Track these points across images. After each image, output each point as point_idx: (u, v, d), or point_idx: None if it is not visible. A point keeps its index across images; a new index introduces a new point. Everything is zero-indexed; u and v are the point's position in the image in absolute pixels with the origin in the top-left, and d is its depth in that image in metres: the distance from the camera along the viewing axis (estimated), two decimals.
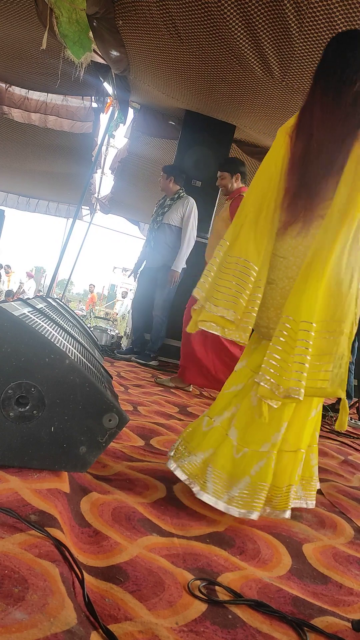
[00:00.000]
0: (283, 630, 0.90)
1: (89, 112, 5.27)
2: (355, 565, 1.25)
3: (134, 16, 3.23)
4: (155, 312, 4.23)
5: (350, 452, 2.58)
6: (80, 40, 3.57)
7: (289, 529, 1.38)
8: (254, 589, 1.02)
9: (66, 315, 2.51)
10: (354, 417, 3.72)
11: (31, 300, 1.88)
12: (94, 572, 0.95)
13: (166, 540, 1.16)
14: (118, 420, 1.28)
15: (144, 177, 6.59)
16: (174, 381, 3.39)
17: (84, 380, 1.25)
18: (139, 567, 1.00)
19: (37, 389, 1.22)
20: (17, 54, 4.29)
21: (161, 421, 2.26)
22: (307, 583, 1.11)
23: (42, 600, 0.77)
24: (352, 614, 1.02)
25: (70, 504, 1.16)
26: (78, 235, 9.12)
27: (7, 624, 0.71)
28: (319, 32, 2.88)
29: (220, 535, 1.25)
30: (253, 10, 2.84)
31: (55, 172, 7.46)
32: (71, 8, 3.30)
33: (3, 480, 1.15)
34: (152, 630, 0.81)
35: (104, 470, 1.51)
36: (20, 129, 5.74)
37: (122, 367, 3.86)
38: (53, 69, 4.21)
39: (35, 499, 1.09)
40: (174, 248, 4.17)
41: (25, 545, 0.92)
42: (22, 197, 9.44)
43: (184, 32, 3.28)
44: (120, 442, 1.82)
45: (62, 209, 9.56)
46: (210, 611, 0.91)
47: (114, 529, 1.14)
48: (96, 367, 1.85)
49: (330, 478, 1.96)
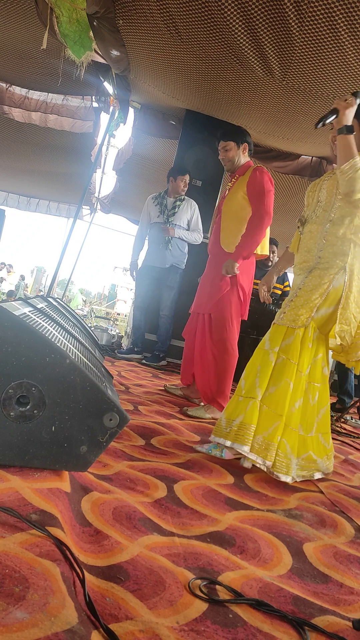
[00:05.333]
0: (284, 630, 0.90)
1: (89, 112, 5.27)
2: (356, 564, 1.25)
3: (134, 15, 3.23)
4: (163, 312, 4.23)
5: (351, 451, 2.58)
6: (80, 40, 3.57)
7: (289, 528, 1.38)
8: (254, 588, 1.02)
9: (67, 314, 2.51)
10: (355, 417, 3.72)
11: (32, 300, 1.88)
12: (95, 572, 0.95)
13: (167, 540, 1.16)
14: (119, 420, 1.28)
15: (145, 176, 6.59)
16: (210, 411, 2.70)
17: (84, 380, 1.25)
18: (140, 566, 1.00)
19: (38, 388, 1.22)
20: (18, 53, 4.29)
21: (162, 420, 2.26)
22: (308, 582, 1.11)
23: (43, 600, 0.78)
24: (353, 613, 1.02)
25: (71, 504, 1.17)
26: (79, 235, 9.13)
27: (8, 623, 0.71)
28: (319, 32, 2.88)
29: (221, 534, 1.25)
30: (253, 10, 2.84)
31: (55, 172, 7.46)
32: (71, 7, 3.30)
33: (4, 480, 1.15)
34: (152, 630, 0.81)
35: (104, 470, 1.51)
36: (20, 128, 5.74)
37: (122, 366, 3.86)
38: (53, 68, 4.22)
39: (36, 499, 1.09)
40: (181, 247, 4.20)
41: (26, 544, 0.92)
42: (22, 197, 9.45)
43: (184, 32, 3.28)
44: (121, 442, 1.82)
45: (62, 209, 9.56)
46: (210, 610, 0.91)
47: (114, 528, 1.14)
48: (97, 367, 1.85)
49: (331, 477, 1.96)
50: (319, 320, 1.82)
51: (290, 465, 1.75)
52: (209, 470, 1.73)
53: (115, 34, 3.44)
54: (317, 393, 1.86)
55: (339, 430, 3.15)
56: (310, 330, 1.81)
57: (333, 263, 1.81)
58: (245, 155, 2.83)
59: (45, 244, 74.55)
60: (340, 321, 1.77)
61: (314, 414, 1.86)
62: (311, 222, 1.91)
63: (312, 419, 1.86)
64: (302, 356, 1.80)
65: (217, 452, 1.82)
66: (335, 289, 1.79)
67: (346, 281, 1.78)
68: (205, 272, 2.89)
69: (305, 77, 3.47)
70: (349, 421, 3.53)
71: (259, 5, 2.79)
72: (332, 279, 1.79)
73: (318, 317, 1.81)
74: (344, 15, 2.70)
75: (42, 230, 77.12)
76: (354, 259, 1.79)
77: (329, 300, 1.80)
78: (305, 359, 1.81)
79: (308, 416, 1.84)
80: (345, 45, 2.94)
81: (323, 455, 1.90)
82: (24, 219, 70.61)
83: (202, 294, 2.85)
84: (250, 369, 1.86)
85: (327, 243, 1.83)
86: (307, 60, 3.22)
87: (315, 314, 1.80)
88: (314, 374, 1.85)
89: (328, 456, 1.92)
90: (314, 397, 1.85)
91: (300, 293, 1.84)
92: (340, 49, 2.99)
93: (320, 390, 1.88)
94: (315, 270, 1.84)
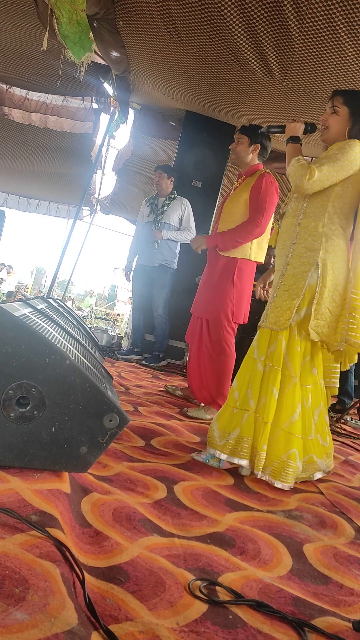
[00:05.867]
0: (284, 631, 0.90)
1: (89, 113, 5.27)
2: (356, 565, 1.25)
3: (134, 17, 3.24)
4: (157, 312, 4.23)
5: (351, 452, 2.58)
6: (80, 41, 3.57)
7: (289, 529, 1.38)
8: (254, 589, 1.02)
9: (67, 315, 2.51)
10: (355, 418, 3.71)
11: (32, 301, 1.88)
12: (95, 573, 0.95)
13: (167, 541, 1.16)
14: (119, 421, 1.28)
15: (145, 177, 6.59)
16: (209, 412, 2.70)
17: (84, 381, 1.25)
18: (140, 567, 1.00)
19: (38, 389, 1.22)
20: (18, 54, 4.30)
21: (162, 422, 2.26)
22: (308, 583, 1.11)
23: (43, 601, 0.77)
24: (353, 614, 1.01)
25: (71, 505, 1.16)
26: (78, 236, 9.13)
27: (8, 625, 0.71)
28: (319, 33, 2.88)
29: (221, 535, 1.25)
30: (253, 11, 2.85)
31: (55, 173, 7.47)
32: (71, 9, 3.30)
33: (4, 481, 1.15)
34: (152, 631, 0.81)
35: (104, 471, 1.51)
36: (20, 129, 5.75)
37: (122, 367, 3.86)
38: (53, 69, 4.22)
39: (36, 500, 1.09)
40: (172, 247, 4.19)
41: (26, 545, 0.92)
42: (22, 198, 9.45)
43: (184, 33, 3.28)
44: (120, 443, 1.82)
45: (62, 210, 9.57)
46: (210, 611, 0.91)
47: (114, 529, 1.14)
48: (97, 368, 1.85)
49: (331, 478, 1.96)
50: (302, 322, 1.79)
51: (296, 473, 1.74)
52: (209, 471, 1.73)
53: (115, 35, 3.44)
54: (309, 395, 1.84)
55: (339, 431, 3.15)
56: (297, 334, 1.79)
57: (305, 259, 1.78)
58: (254, 156, 2.73)
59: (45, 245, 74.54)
60: (316, 317, 1.75)
61: (310, 417, 1.84)
62: (287, 215, 1.90)
63: (310, 422, 1.84)
64: (292, 361, 1.78)
65: (214, 462, 1.80)
66: (310, 286, 1.77)
67: (319, 276, 1.76)
68: (203, 275, 2.90)
69: (304, 78, 3.47)
70: (349, 422, 3.53)
71: (258, 7, 2.80)
72: (307, 277, 1.77)
73: (301, 319, 1.79)
74: (343, 17, 2.70)
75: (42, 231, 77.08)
76: (326, 253, 1.76)
77: (307, 300, 1.78)
78: (296, 363, 1.79)
79: (306, 420, 1.83)
80: (344, 46, 2.94)
81: (323, 455, 1.89)
82: (24, 220, 70.57)
83: (199, 298, 2.86)
84: (242, 379, 1.84)
85: (299, 238, 1.81)
86: (307, 61, 3.22)
87: (297, 316, 1.78)
88: (304, 377, 1.83)
89: (328, 454, 1.91)
90: (307, 400, 1.83)
91: (279, 293, 1.83)
92: (339, 50, 2.99)
93: (312, 392, 1.85)
94: (289, 267, 1.82)
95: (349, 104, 1.80)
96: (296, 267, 1.80)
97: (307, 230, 1.80)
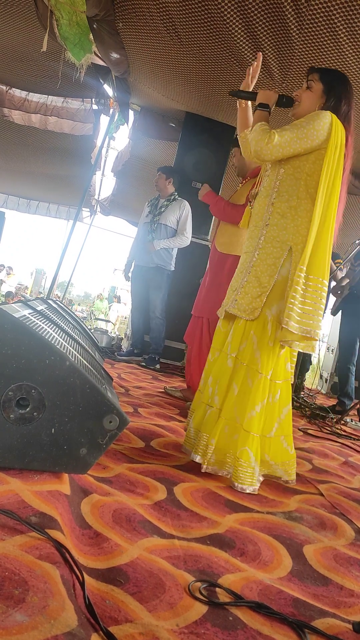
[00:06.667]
0: (284, 632, 0.90)
1: (89, 114, 5.28)
2: (356, 566, 1.25)
3: (134, 18, 3.24)
4: (154, 313, 4.22)
5: (351, 453, 2.58)
6: (80, 43, 3.57)
7: (289, 530, 1.38)
8: (254, 591, 1.02)
9: (67, 317, 2.51)
10: (355, 419, 3.71)
11: (32, 302, 1.88)
12: (95, 574, 0.95)
13: (167, 542, 1.16)
14: (118, 422, 1.28)
15: (145, 178, 6.59)
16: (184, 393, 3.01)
17: (84, 382, 1.25)
18: (140, 568, 1.00)
19: (38, 390, 1.22)
20: (18, 56, 4.30)
21: (162, 423, 2.26)
22: (308, 585, 1.11)
23: (43, 602, 0.77)
24: (353, 616, 1.01)
25: (70, 506, 1.16)
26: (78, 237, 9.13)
27: (7, 626, 0.71)
28: (319, 34, 2.89)
29: (221, 536, 1.25)
30: (253, 12, 2.85)
31: (55, 174, 7.47)
32: (71, 10, 3.31)
33: (3, 482, 1.15)
34: (152, 632, 0.81)
35: (104, 472, 1.51)
36: (20, 131, 5.75)
37: (122, 369, 3.86)
38: (53, 71, 4.22)
39: (35, 501, 1.09)
40: (168, 249, 4.19)
41: (26, 547, 0.92)
42: (22, 199, 9.45)
43: (184, 34, 3.29)
44: (120, 444, 1.82)
45: (62, 211, 9.57)
46: (210, 613, 0.91)
47: (114, 531, 1.14)
48: (96, 369, 1.85)
49: (331, 479, 1.96)
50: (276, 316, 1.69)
51: (254, 474, 1.65)
52: (209, 472, 1.73)
53: (115, 37, 3.45)
54: (278, 391, 1.73)
55: (339, 432, 3.15)
56: (270, 327, 1.68)
57: (277, 243, 1.68)
58: None
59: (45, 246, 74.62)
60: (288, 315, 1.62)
61: (274, 413, 1.73)
62: (259, 195, 1.80)
63: (273, 418, 1.73)
64: (263, 356, 1.67)
65: None
66: (283, 277, 1.67)
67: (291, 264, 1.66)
68: (205, 275, 2.90)
69: (304, 79, 3.47)
70: (349, 423, 3.53)
71: (258, 8, 2.80)
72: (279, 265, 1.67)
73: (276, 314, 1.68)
74: (343, 18, 2.70)
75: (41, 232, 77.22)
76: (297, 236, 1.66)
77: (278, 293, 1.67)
78: (267, 358, 1.68)
79: (268, 415, 1.71)
80: (344, 47, 2.95)
81: (284, 460, 1.76)
82: (24, 221, 70.71)
83: (199, 298, 2.87)
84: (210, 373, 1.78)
85: (272, 219, 1.71)
86: (307, 62, 3.23)
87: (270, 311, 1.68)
88: (276, 371, 1.72)
89: (290, 462, 1.77)
90: (274, 395, 1.72)
91: (249, 278, 1.72)
92: (339, 50, 2.99)
93: (282, 388, 1.74)
94: (261, 251, 1.71)
95: (323, 80, 1.77)
96: (268, 252, 1.70)
97: (279, 211, 1.70)
